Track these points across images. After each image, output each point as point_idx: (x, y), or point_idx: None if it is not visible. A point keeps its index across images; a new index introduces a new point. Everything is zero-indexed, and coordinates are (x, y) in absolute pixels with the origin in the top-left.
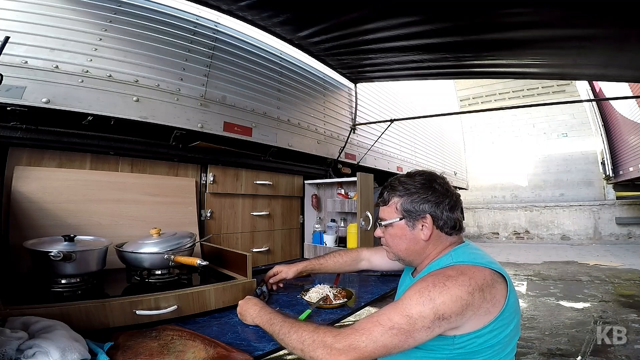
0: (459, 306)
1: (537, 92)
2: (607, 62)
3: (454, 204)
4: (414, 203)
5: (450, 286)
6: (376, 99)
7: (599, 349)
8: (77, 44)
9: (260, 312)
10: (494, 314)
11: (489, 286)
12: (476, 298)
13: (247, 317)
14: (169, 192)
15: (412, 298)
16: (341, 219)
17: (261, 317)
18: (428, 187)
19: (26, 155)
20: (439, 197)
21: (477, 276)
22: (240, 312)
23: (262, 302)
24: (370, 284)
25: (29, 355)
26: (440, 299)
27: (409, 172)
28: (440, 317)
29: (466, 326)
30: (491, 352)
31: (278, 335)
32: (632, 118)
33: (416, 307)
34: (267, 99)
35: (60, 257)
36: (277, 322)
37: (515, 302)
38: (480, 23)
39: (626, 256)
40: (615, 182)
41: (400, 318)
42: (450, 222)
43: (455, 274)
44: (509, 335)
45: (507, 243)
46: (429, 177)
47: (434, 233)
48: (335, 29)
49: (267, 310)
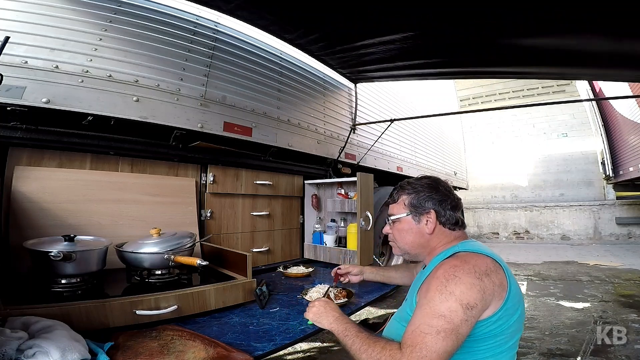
0: (476, 292)
1: (537, 92)
2: (607, 62)
3: (455, 205)
4: (420, 200)
5: (460, 275)
6: (376, 99)
7: (599, 349)
8: (77, 44)
9: (338, 320)
10: (503, 297)
11: (493, 272)
12: (486, 282)
13: (324, 321)
14: (169, 192)
15: (435, 298)
16: (341, 219)
17: (338, 326)
18: (433, 187)
19: (26, 155)
20: (442, 196)
21: (479, 263)
22: (316, 312)
23: (339, 309)
24: (370, 284)
25: (29, 355)
26: (458, 290)
27: (417, 176)
28: (466, 306)
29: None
30: (494, 342)
31: (350, 348)
32: (632, 118)
33: (443, 305)
34: (267, 99)
35: (60, 257)
36: (350, 334)
37: (518, 292)
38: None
39: (626, 256)
40: (615, 182)
41: (437, 320)
42: (452, 219)
43: (460, 263)
44: (512, 326)
45: (507, 243)
46: (435, 180)
47: (437, 227)
48: (336, 29)
49: (343, 320)
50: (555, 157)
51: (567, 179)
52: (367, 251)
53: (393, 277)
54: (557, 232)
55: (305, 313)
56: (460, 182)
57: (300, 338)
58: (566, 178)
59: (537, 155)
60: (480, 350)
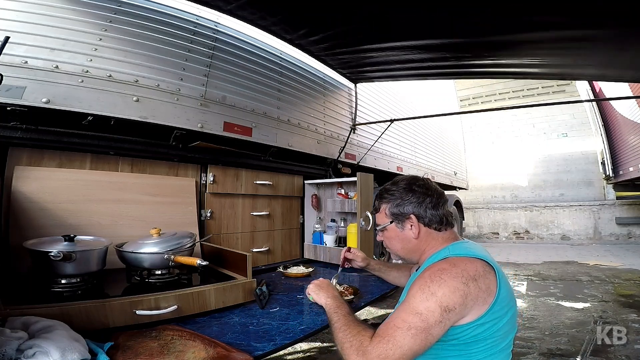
0: (458, 296)
1: (537, 92)
2: (607, 63)
3: (436, 202)
4: (398, 207)
5: (446, 278)
6: (376, 99)
7: (599, 349)
8: (77, 44)
9: (335, 297)
10: (489, 303)
11: (482, 276)
12: (472, 287)
13: (322, 295)
14: (169, 192)
15: (416, 296)
16: (341, 219)
17: (332, 302)
18: (409, 190)
19: (26, 155)
20: (419, 198)
21: (468, 267)
22: (318, 285)
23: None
24: (371, 284)
25: (29, 355)
26: (440, 292)
27: (395, 179)
28: (445, 309)
29: (467, 317)
30: (484, 345)
31: (333, 325)
32: (632, 118)
33: (423, 304)
34: (267, 99)
35: (60, 257)
36: (340, 312)
37: (508, 295)
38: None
39: (626, 256)
40: (615, 182)
41: (412, 317)
42: (435, 219)
43: (449, 266)
44: (502, 329)
45: (507, 243)
46: (409, 181)
47: (423, 230)
48: (336, 29)
49: (338, 301)
50: (555, 157)
51: (567, 179)
52: (367, 251)
53: (394, 276)
54: (557, 232)
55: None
56: (460, 182)
57: (300, 338)
58: (566, 178)
59: (537, 155)
60: (473, 352)
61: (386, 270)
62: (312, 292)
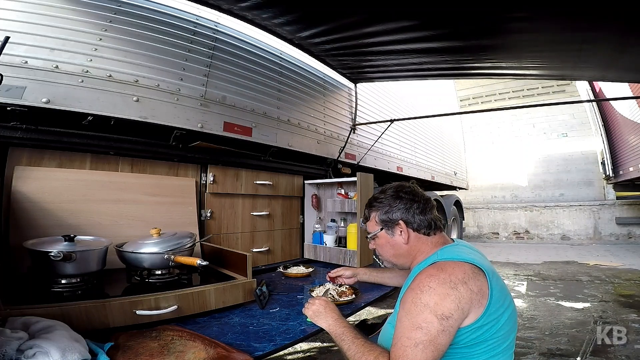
0: (450, 302)
1: (537, 92)
2: (607, 64)
3: (423, 208)
4: (387, 213)
5: (434, 286)
6: (376, 99)
7: (599, 349)
8: (77, 44)
9: (336, 322)
10: (484, 305)
11: (471, 278)
12: (462, 290)
13: (322, 321)
14: (169, 192)
15: (411, 311)
16: (341, 219)
17: (335, 328)
18: (396, 197)
19: (26, 155)
20: (406, 204)
21: (456, 271)
22: (315, 311)
23: (338, 310)
24: (370, 284)
25: (29, 356)
26: (432, 302)
27: (383, 188)
28: (442, 317)
29: (466, 319)
30: (486, 347)
31: (346, 352)
32: (632, 118)
33: (420, 317)
34: (267, 99)
35: (60, 257)
36: (347, 339)
37: (502, 295)
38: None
39: (626, 256)
40: (615, 182)
41: (415, 333)
42: (423, 223)
43: (436, 272)
44: (502, 329)
45: (507, 243)
46: (396, 188)
47: (412, 235)
48: (336, 29)
49: (341, 323)
50: (555, 157)
51: (567, 179)
52: (367, 251)
53: (387, 278)
54: (557, 232)
55: (304, 309)
56: (460, 182)
57: (300, 338)
58: (566, 178)
59: (537, 155)
60: (475, 355)
61: (378, 275)
62: (311, 318)
